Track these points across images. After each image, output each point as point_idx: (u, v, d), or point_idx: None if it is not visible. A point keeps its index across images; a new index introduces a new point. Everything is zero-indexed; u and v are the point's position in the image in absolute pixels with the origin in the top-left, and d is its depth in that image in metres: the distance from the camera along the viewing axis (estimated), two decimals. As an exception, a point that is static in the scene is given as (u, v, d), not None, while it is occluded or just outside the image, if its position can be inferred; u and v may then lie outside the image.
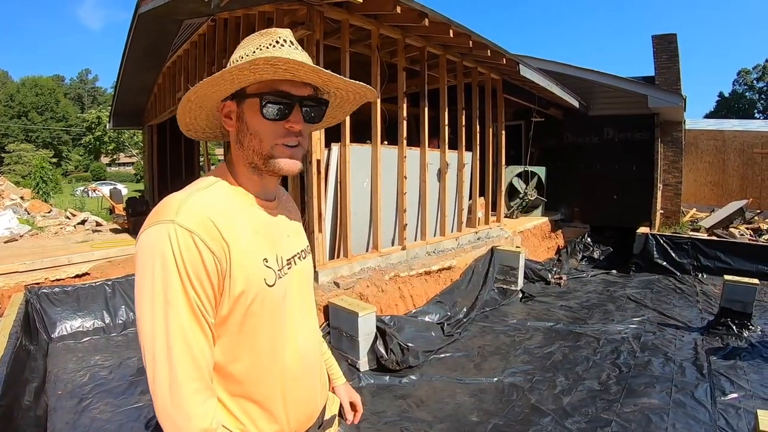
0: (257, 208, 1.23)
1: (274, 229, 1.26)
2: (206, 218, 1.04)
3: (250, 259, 1.12)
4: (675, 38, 11.30)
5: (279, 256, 1.23)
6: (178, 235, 0.99)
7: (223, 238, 1.05)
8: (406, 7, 5.23)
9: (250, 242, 1.14)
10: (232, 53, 1.20)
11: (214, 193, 1.14)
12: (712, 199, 15.12)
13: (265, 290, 1.15)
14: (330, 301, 5.05)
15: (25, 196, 15.28)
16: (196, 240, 1.00)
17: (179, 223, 1.00)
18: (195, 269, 1.00)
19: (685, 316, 6.66)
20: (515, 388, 4.59)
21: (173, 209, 1.03)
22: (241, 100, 1.17)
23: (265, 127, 1.16)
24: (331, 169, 5.69)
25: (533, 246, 9.77)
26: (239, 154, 1.22)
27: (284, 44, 1.16)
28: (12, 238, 9.49)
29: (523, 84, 8.87)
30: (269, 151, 1.17)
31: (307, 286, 1.41)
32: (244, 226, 1.14)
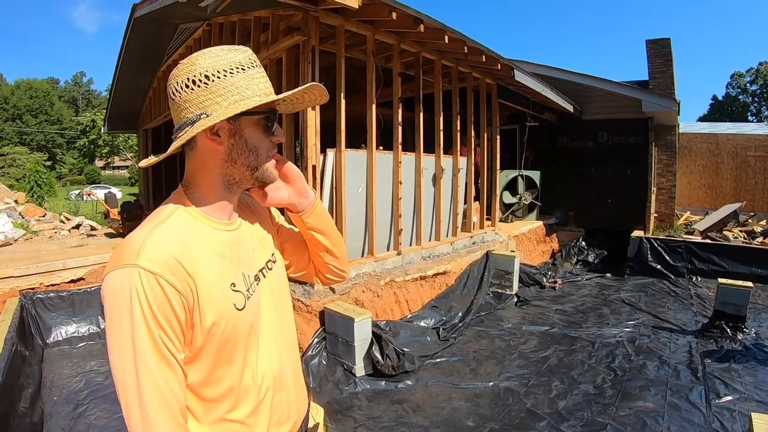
0: (219, 231, 1.20)
1: (239, 247, 1.25)
2: (168, 256, 1.03)
3: (217, 289, 1.11)
4: (669, 42, 11.39)
5: (246, 275, 1.22)
6: (141, 278, 0.98)
7: (188, 274, 1.05)
8: (402, 13, 5.24)
9: (215, 271, 1.13)
10: (197, 65, 1.12)
11: (174, 226, 1.11)
12: (706, 202, 15.19)
13: (236, 316, 1.14)
14: (326, 306, 5.05)
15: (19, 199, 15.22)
16: (161, 281, 0.99)
17: (142, 266, 0.98)
18: (162, 310, 0.99)
19: (679, 319, 6.70)
20: (511, 392, 4.60)
21: (134, 251, 1.01)
22: (235, 118, 1.14)
23: (264, 142, 1.20)
24: (327, 174, 5.69)
25: (528, 250, 9.79)
26: (222, 172, 1.20)
27: (258, 65, 1.19)
28: (6, 242, 9.45)
29: (518, 89, 8.90)
30: (264, 163, 1.21)
31: (279, 294, 1.38)
32: (208, 254, 1.13)
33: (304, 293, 5.28)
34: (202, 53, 1.14)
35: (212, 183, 1.20)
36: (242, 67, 1.14)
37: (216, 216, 1.21)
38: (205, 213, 1.19)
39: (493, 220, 9.30)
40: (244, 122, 1.16)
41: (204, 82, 1.11)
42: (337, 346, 4.93)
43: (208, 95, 1.11)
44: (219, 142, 1.15)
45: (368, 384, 4.71)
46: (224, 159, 1.17)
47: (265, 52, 6.00)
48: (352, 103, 5.80)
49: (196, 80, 1.11)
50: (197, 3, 5.50)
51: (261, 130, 1.19)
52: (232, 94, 1.11)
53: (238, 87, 1.12)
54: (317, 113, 5.30)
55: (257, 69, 1.18)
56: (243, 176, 1.21)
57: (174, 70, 1.16)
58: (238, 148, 1.17)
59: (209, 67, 1.11)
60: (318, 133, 5.34)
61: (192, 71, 1.12)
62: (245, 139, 1.17)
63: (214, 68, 1.11)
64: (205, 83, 1.11)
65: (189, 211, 1.17)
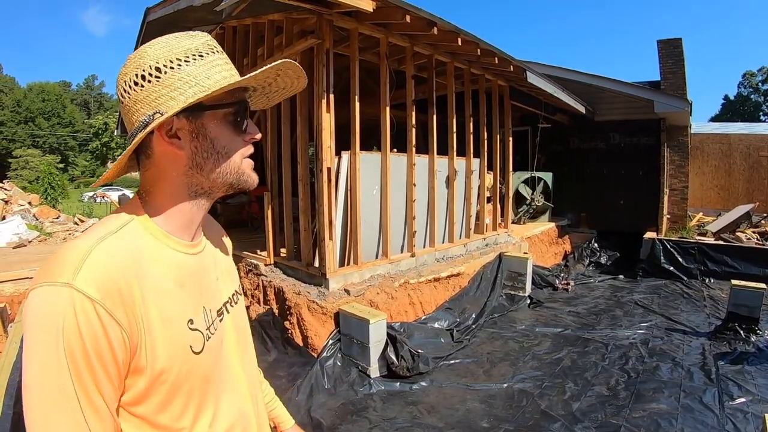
0: (181, 254, 1.01)
1: (202, 276, 1.06)
2: (115, 279, 0.82)
3: (172, 327, 0.91)
4: (680, 43, 11.33)
5: (207, 310, 1.03)
6: (75, 305, 0.77)
7: (135, 305, 0.85)
8: (415, 16, 5.26)
9: (172, 303, 0.93)
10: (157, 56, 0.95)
11: (126, 241, 0.90)
12: (719, 203, 15.08)
13: (192, 360, 0.94)
14: (341, 308, 5.08)
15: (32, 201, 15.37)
16: (100, 311, 0.79)
17: (78, 288, 0.77)
18: (96, 349, 0.79)
19: (692, 321, 6.68)
20: (525, 394, 4.62)
21: (71, 266, 0.80)
22: (196, 114, 0.96)
23: (235, 142, 1.02)
24: (341, 176, 5.72)
25: (540, 252, 9.78)
26: (187, 182, 1.00)
27: (218, 50, 1.02)
28: (20, 243, 9.57)
29: (529, 90, 8.90)
30: (239, 166, 1.03)
31: (243, 333, 1.20)
32: (165, 281, 0.94)
33: (319, 295, 5.31)
34: (152, 43, 0.96)
35: (175, 195, 1.01)
36: (199, 54, 0.96)
37: (178, 235, 1.02)
38: (164, 230, 0.99)
39: (505, 221, 9.31)
40: (208, 119, 0.97)
41: (155, 75, 0.93)
42: (352, 348, 4.95)
43: (161, 90, 0.93)
44: (179, 146, 0.96)
45: (383, 385, 4.74)
46: (188, 166, 0.99)
47: (279, 55, 6.04)
48: (363, 105, 5.82)
49: (145, 75, 0.93)
50: (212, 7, 5.54)
51: (229, 127, 1.00)
52: (189, 85, 0.93)
53: (196, 76, 0.94)
54: (332, 115, 5.33)
55: (219, 55, 1.00)
56: (214, 184, 1.02)
57: (121, 68, 0.98)
58: (203, 151, 0.98)
59: (160, 58, 0.93)
60: (333, 135, 5.37)
61: (140, 65, 0.94)
62: (211, 140, 0.98)
63: (166, 58, 0.94)
64: (157, 77, 0.93)
65: (146, 225, 0.97)
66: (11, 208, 13.13)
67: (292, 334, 5.22)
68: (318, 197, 5.45)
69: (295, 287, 5.50)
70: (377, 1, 4.74)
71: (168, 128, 0.94)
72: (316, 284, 5.57)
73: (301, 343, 5.15)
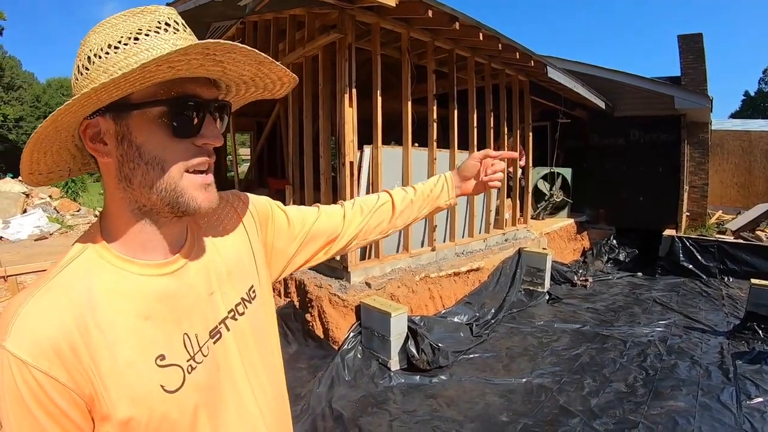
0: (148, 278, 0.85)
1: (182, 298, 0.89)
2: (49, 337, 0.73)
3: (132, 370, 0.79)
4: (701, 38, 11.19)
5: (192, 336, 0.88)
6: (11, 366, 0.71)
7: (82, 359, 0.75)
8: (438, 11, 5.28)
9: (131, 343, 0.80)
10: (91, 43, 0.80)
11: (71, 281, 0.79)
12: (738, 201, 14.90)
13: (166, 401, 0.81)
14: (362, 301, 5.12)
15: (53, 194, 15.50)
16: (35, 373, 0.71)
17: (9, 349, 0.71)
18: (42, 409, 0.72)
19: (711, 319, 6.63)
20: (544, 389, 4.64)
21: (3, 327, 0.73)
22: (122, 114, 0.79)
23: (171, 149, 0.81)
24: (363, 170, 5.75)
25: (559, 248, 9.76)
26: (122, 197, 0.84)
27: (177, 28, 0.82)
28: (42, 236, 9.67)
29: (549, 85, 8.87)
30: (177, 183, 0.82)
31: (253, 344, 1.02)
32: (124, 318, 0.80)
33: (340, 288, 5.35)
34: (99, 24, 0.81)
35: (119, 212, 0.85)
36: (137, 36, 0.78)
37: (142, 256, 0.86)
38: (121, 253, 0.84)
39: (525, 217, 9.29)
40: (135, 120, 0.79)
41: (86, 67, 0.79)
42: (373, 341, 4.98)
43: (86, 85, 0.77)
44: (105, 153, 0.82)
45: (403, 378, 4.77)
46: (117, 177, 0.82)
47: (300, 50, 6.08)
48: (383, 100, 5.85)
49: (80, 67, 0.80)
50: (234, 2, 5.59)
51: (162, 130, 0.80)
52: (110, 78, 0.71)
53: (120, 66, 0.76)
54: (354, 110, 5.36)
55: (165, 34, 0.80)
56: (150, 202, 0.83)
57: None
58: (129, 161, 0.80)
59: (95, 45, 0.78)
60: (355, 129, 5.41)
61: (80, 55, 0.80)
62: (137, 146, 0.79)
63: (100, 45, 0.78)
64: (86, 69, 0.79)
65: (100, 251, 0.83)
66: (32, 202, 13.24)
67: (313, 327, 5.27)
68: (340, 191, 5.49)
69: (317, 280, 5.54)
70: (399, -4, 4.77)
71: (95, 131, 0.81)
72: (338, 277, 5.61)
73: (322, 335, 5.19)
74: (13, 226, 10.09)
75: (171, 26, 0.80)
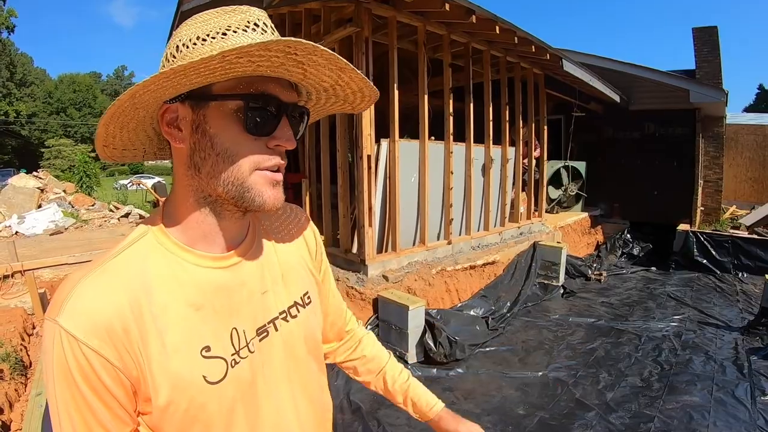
0: (203, 270, 0.86)
1: (235, 292, 0.90)
2: (103, 315, 0.75)
3: (178, 357, 0.80)
4: (716, 31, 11.10)
5: (240, 331, 0.89)
6: (63, 341, 0.72)
7: (130, 340, 0.76)
8: (455, 4, 5.25)
9: (180, 330, 0.81)
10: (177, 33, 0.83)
11: (129, 263, 0.81)
12: (752, 196, 14.78)
13: (207, 391, 0.82)
14: (380, 294, 5.15)
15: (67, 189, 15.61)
16: (85, 350, 0.72)
17: (63, 325, 0.72)
18: (89, 384, 0.74)
19: (725, 315, 6.60)
20: (560, 382, 4.66)
21: (59, 303, 0.75)
22: (201, 103, 0.80)
23: (244, 145, 0.81)
24: (380, 164, 5.77)
25: (573, 241, 9.73)
26: (190, 183, 0.85)
27: (266, 30, 0.83)
28: (57, 230, 9.76)
29: (564, 79, 8.82)
30: (245, 178, 0.82)
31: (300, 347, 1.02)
32: (175, 306, 0.82)
33: (357, 281, 5.38)
34: (192, 18, 0.82)
35: (185, 200, 0.87)
36: (225, 32, 0.79)
37: (200, 247, 0.87)
38: (181, 242, 0.86)
39: (540, 210, 9.26)
40: (212, 111, 0.80)
41: (173, 55, 0.81)
42: (390, 334, 5.01)
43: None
44: (179, 138, 0.83)
45: (420, 371, 4.81)
46: (187, 164, 0.84)
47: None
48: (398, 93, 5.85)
49: (168, 55, 0.82)
50: (252, -4, 5.60)
51: (236, 125, 0.80)
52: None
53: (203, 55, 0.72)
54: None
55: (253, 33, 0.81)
56: (216, 193, 0.84)
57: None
58: (201, 149, 0.82)
59: (185, 36, 0.80)
60: (373, 123, 5.42)
61: (170, 45, 0.82)
62: (210, 137, 0.81)
63: (189, 36, 0.80)
64: (174, 57, 0.80)
65: (160, 237, 0.86)
66: (47, 196, 13.36)
67: (331, 320, 5.29)
68: (357, 184, 5.52)
69: (334, 273, 5.51)
70: (416, -11, 4.77)
71: (173, 116, 0.83)
72: (355, 270, 5.65)
73: (340, 328, 5.22)
74: (29, 221, 10.19)
75: (260, 27, 0.82)
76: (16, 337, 4.92)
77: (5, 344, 4.62)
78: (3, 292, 5.98)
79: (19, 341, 4.88)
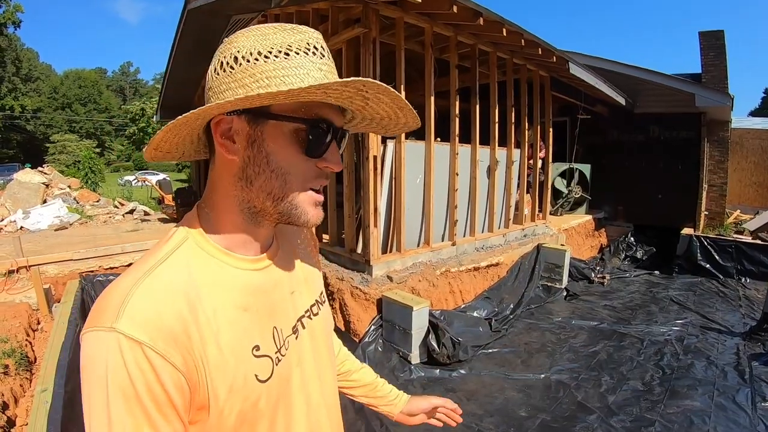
0: (244, 271, 0.90)
1: (271, 292, 0.94)
2: (165, 316, 0.75)
3: (234, 359, 0.82)
4: (722, 35, 11.04)
5: (278, 330, 0.93)
6: (123, 349, 0.70)
7: (192, 343, 0.77)
8: (462, 6, 5.27)
9: (233, 332, 0.83)
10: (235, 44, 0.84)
11: (177, 267, 0.82)
12: (757, 201, 14.74)
13: (258, 390, 0.85)
14: (384, 294, 5.17)
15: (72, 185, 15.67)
16: (149, 354, 0.71)
17: (122, 331, 0.70)
18: (151, 395, 0.71)
19: (727, 320, 6.61)
20: (562, 385, 4.69)
21: (113, 308, 0.73)
22: (259, 120, 0.82)
23: (298, 166, 0.85)
24: (386, 165, 5.78)
25: (577, 244, 9.74)
26: (236, 194, 0.88)
27: (323, 54, 0.86)
28: (62, 226, 9.81)
29: (569, 81, 8.82)
30: (296, 197, 0.86)
31: (324, 344, 1.08)
32: (225, 307, 0.84)
33: (362, 281, 5.39)
34: (248, 30, 0.84)
35: (227, 207, 0.89)
36: (287, 51, 0.81)
37: (239, 250, 0.90)
38: (221, 246, 0.88)
39: (544, 212, 9.27)
40: (270, 129, 0.83)
41: (230, 66, 0.82)
42: (394, 334, 5.03)
43: (229, 83, 0.82)
44: (232, 150, 0.84)
45: (423, 372, 4.84)
46: (238, 176, 0.86)
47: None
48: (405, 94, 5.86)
49: (224, 63, 0.83)
50: (263, -4, 5.61)
51: (294, 146, 0.84)
52: (257, 83, 0.79)
53: (269, 75, 0.79)
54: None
55: (313, 57, 0.83)
56: (264, 206, 0.87)
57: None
58: (255, 164, 0.84)
59: (243, 48, 0.82)
60: (379, 123, 5.40)
61: (225, 52, 0.84)
62: (266, 153, 0.83)
63: (249, 50, 0.81)
64: (231, 68, 0.82)
65: (201, 242, 0.87)
66: (52, 192, 13.41)
67: (334, 319, 5.29)
68: (363, 185, 5.53)
69: (338, 273, 5.59)
70: (425, -9, 4.78)
71: (226, 127, 0.84)
72: (360, 270, 5.67)
73: (343, 327, 5.25)
74: (33, 216, 10.23)
75: (318, 50, 0.84)
76: (21, 332, 4.95)
77: (10, 340, 4.66)
78: (8, 287, 6.01)
79: (24, 337, 4.91)
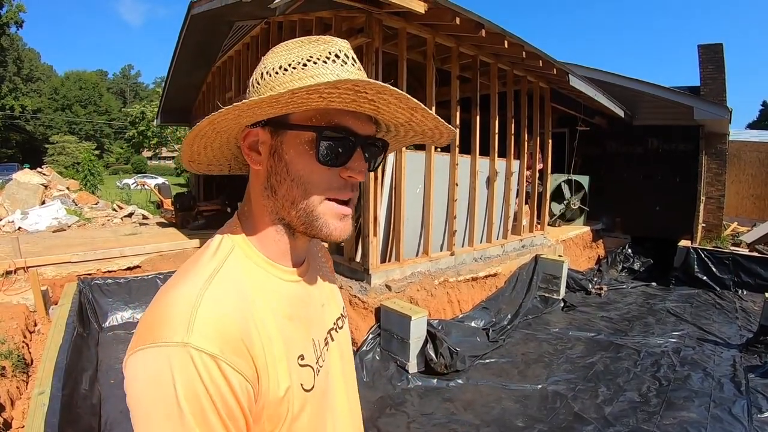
0: (286, 283, 0.90)
1: (308, 304, 0.95)
2: (232, 328, 0.73)
3: (284, 367, 0.81)
4: (721, 48, 11.09)
5: (316, 342, 0.93)
6: (197, 365, 0.66)
7: (256, 351, 0.75)
8: (465, 18, 5.31)
9: (282, 339, 0.83)
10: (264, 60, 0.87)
11: (233, 276, 0.81)
12: (754, 213, 14.77)
13: (303, 399, 0.84)
14: (382, 303, 5.18)
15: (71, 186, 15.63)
16: (224, 367, 0.68)
17: (196, 345, 0.67)
18: (226, 410, 0.68)
19: (724, 332, 6.63)
20: (559, 395, 4.70)
21: (182, 321, 0.69)
22: (279, 130, 0.83)
23: (317, 174, 0.83)
24: (387, 174, 5.82)
25: (575, 255, 9.77)
26: (265, 204, 0.88)
27: (346, 61, 0.84)
28: (60, 227, 9.78)
29: (569, 93, 8.87)
30: (315, 207, 0.84)
31: (347, 357, 1.10)
32: (274, 318, 0.83)
33: (360, 289, 5.41)
34: (278, 46, 0.86)
35: (263, 218, 0.90)
36: (306, 62, 0.81)
37: (281, 261, 0.91)
38: (266, 257, 0.89)
39: (542, 223, 9.29)
40: (289, 138, 0.83)
41: (257, 82, 0.84)
42: (392, 343, 5.04)
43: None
44: (257, 161, 0.86)
45: (420, 381, 4.85)
46: (264, 185, 0.87)
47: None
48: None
49: (254, 81, 0.85)
50: (264, 3, 5.64)
51: (310, 155, 0.82)
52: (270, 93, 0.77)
53: (282, 84, 0.80)
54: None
55: (333, 65, 0.82)
56: (290, 216, 0.86)
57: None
58: (277, 173, 0.85)
59: (270, 64, 0.84)
60: (380, 133, 5.44)
61: (257, 71, 0.86)
62: (286, 163, 0.83)
63: (273, 65, 0.83)
64: (257, 84, 0.84)
65: (247, 252, 0.88)
66: (51, 193, 13.38)
67: (332, 327, 5.32)
68: (363, 194, 5.54)
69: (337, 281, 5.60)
70: (428, 3, 4.81)
71: (253, 140, 0.86)
72: (358, 279, 5.68)
73: (341, 335, 5.24)
74: (32, 217, 10.21)
75: (340, 58, 0.83)
76: (18, 334, 4.94)
77: (7, 341, 4.65)
78: (5, 288, 6.00)
79: (21, 338, 4.91)
